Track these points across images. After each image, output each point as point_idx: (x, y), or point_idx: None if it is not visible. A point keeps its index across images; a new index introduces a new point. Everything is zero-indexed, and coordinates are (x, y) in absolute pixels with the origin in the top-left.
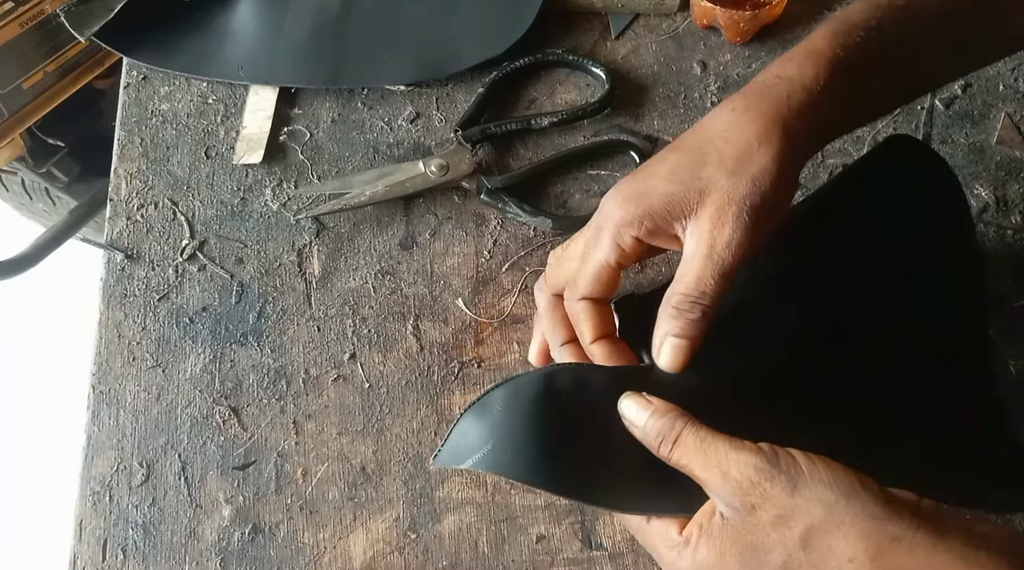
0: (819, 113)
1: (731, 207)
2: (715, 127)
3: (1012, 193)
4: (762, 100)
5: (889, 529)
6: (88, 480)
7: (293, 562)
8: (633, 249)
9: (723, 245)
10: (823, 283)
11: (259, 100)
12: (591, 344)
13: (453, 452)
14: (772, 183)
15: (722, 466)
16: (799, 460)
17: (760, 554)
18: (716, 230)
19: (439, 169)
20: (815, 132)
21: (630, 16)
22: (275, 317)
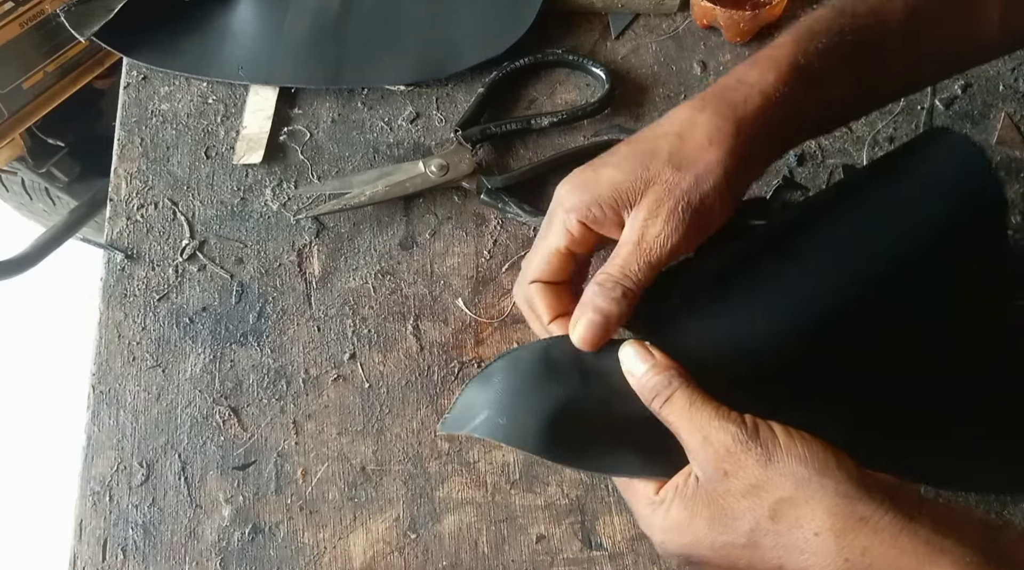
0: (776, 119)
1: (669, 201)
2: (672, 123)
3: (1012, 193)
4: (720, 102)
5: (858, 509)
6: (88, 480)
7: (293, 562)
8: (581, 234)
9: (652, 236)
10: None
11: (259, 100)
12: (549, 324)
13: (457, 419)
14: (714, 184)
15: (703, 431)
16: (778, 434)
17: (728, 519)
18: (650, 220)
19: (439, 169)
20: (772, 138)
21: (630, 16)
22: (275, 317)
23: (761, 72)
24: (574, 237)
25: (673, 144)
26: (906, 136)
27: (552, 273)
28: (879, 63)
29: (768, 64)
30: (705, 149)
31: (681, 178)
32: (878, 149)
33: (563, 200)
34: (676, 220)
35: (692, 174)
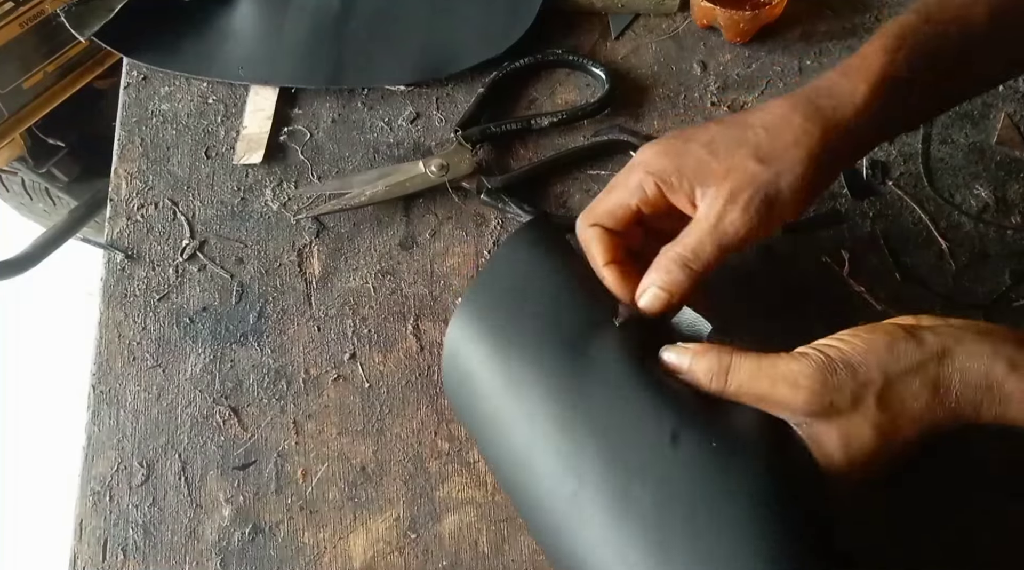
0: (862, 129)
1: (748, 190)
2: (762, 117)
3: (1012, 193)
4: (812, 107)
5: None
6: (88, 480)
7: (293, 562)
8: (655, 197)
9: (728, 222)
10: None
11: (259, 100)
12: (603, 267)
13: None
14: (793, 183)
15: (788, 379)
16: (839, 346)
17: (853, 437)
18: (728, 206)
19: (439, 169)
20: (855, 146)
21: (630, 16)
22: (275, 317)
23: (853, 83)
24: (647, 198)
25: (760, 137)
26: (906, 136)
27: (615, 223)
28: (962, 69)
29: (860, 76)
30: (789, 148)
31: (763, 171)
32: (878, 149)
33: (648, 161)
34: (752, 210)
35: (774, 169)
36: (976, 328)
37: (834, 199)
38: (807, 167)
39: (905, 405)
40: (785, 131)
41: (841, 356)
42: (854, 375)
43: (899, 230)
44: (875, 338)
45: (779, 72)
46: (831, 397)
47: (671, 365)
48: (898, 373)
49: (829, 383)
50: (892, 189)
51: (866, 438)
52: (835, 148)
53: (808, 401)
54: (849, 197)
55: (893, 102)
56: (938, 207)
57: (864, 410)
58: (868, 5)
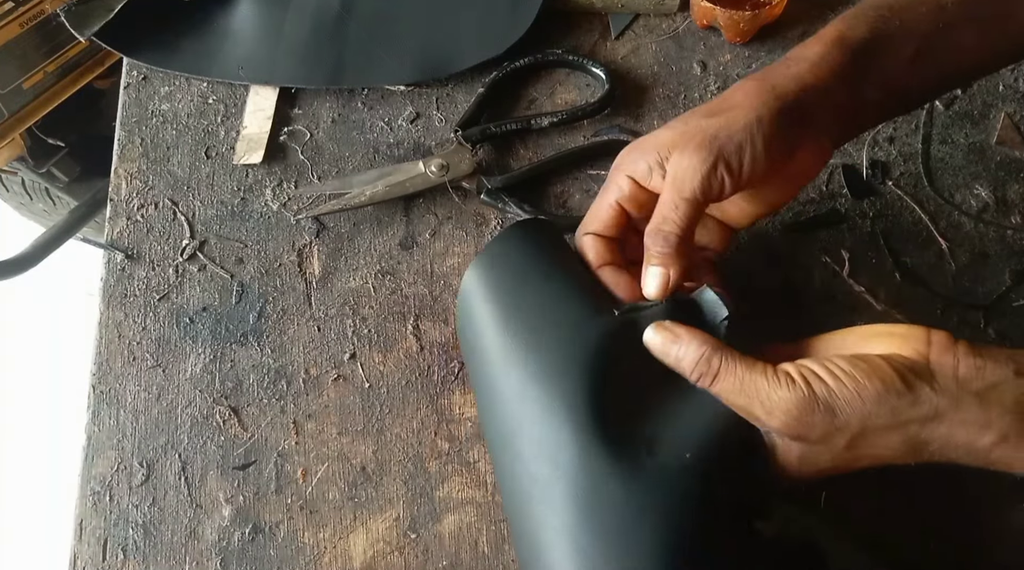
0: (818, 82)
1: (696, 137)
2: (721, 94)
3: (1012, 193)
4: (764, 71)
5: (915, 418)
6: (88, 480)
7: (293, 562)
8: (631, 190)
9: (683, 170)
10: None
11: (259, 100)
12: (597, 270)
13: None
14: (745, 124)
15: (764, 404)
16: (828, 381)
17: (811, 458)
18: (679, 158)
19: (439, 169)
20: (819, 101)
21: (630, 16)
22: (275, 317)
23: (806, 47)
24: (624, 192)
25: (713, 104)
26: (906, 136)
27: (604, 226)
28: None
29: (814, 40)
30: (739, 100)
31: (711, 123)
32: (878, 149)
33: (618, 161)
34: (703, 153)
35: (723, 117)
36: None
37: (834, 199)
38: (759, 111)
39: (874, 451)
40: (735, 92)
41: (826, 395)
42: (831, 418)
43: (899, 230)
44: (868, 384)
45: None
46: (800, 432)
47: (655, 349)
48: (879, 427)
49: (804, 420)
50: (892, 189)
51: (822, 464)
52: (793, 98)
53: (779, 427)
54: (849, 197)
55: (858, 63)
56: (938, 207)
57: (831, 446)
58: None
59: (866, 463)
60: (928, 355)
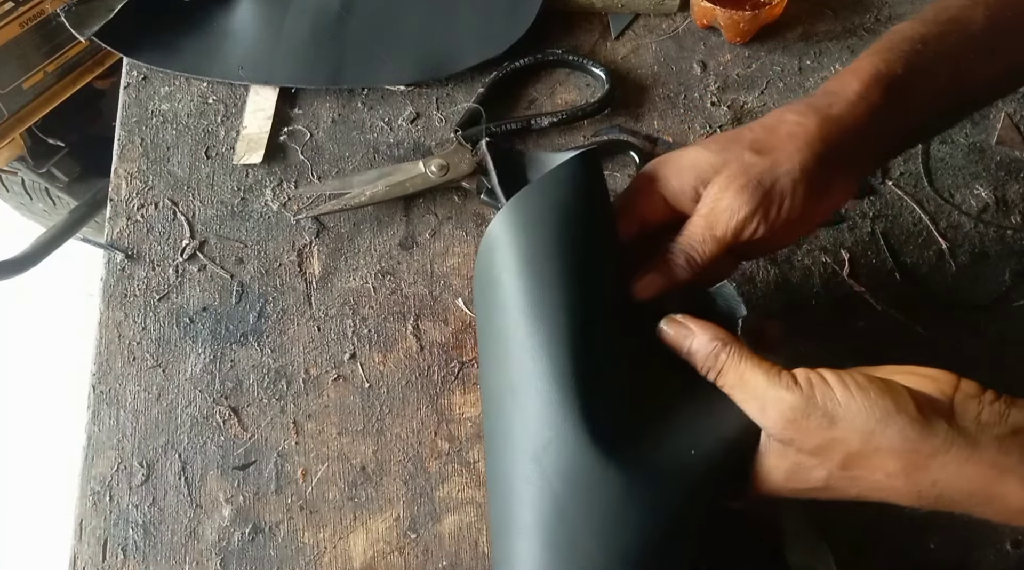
0: (863, 124)
1: (740, 178)
2: (762, 120)
3: (1012, 193)
4: (807, 107)
5: (924, 448)
6: (88, 480)
7: (293, 562)
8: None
9: (720, 209)
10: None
11: (259, 100)
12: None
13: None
14: (788, 171)
15: (759, 402)
16: (835, 389)
17: (803, 471)
18: (720, 194)
19: (439, 169)
20: (861, 145)
21: (630, 16)
22: (275, 317)
23: (844, 82)
24: (646, 202)
25: (756, 133)
26: None
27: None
28: (960, 68)
29: (851, 76)
30: (784, 140)
31: (758, 161)
32: None
33: (648, 169)
34: (745, 197)
35: (769, 159)
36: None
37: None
38: (804, 157)
39: (872, 475)
40: (780, 126)
41: (829, 402)
42: (829, 427)
43: (899, 230)
44: (881, 403)
45: (779, 72)
46: (793, 435)
47: (669, 341)
48: (881, 448)
49: (798, 425)
50: (892, 189)
51: (813, 481)
52: (835, 142)
53: (771, 427)
54: None
55: (893, 100)
56: (938, 207)
57: (825, 461)
58: (868, 5)
59: (860, 491)
60: (952, 397)
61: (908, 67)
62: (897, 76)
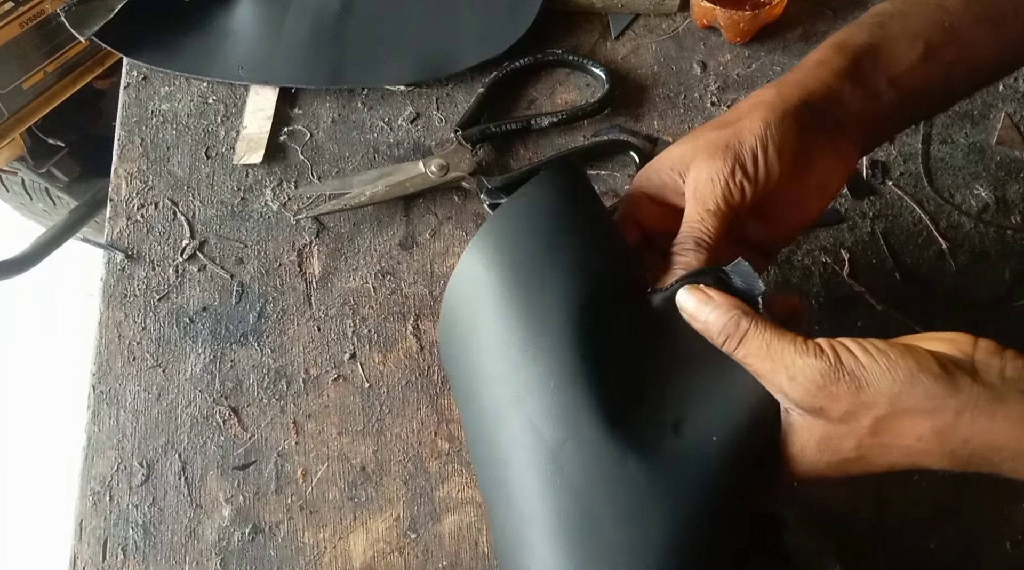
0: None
1: (710, 151)
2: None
3: (1012, 193)
4: (769, 83)
5: (951, 405)
6: (88, 480)
7: (293, 562)
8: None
9: (702, 182)
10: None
11: (259, 100)
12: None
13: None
14: (753, 132)
15: (788, 370)
16: (858, 355)
17: (834, 442)
18: (696, 172)
19: (439, 169)
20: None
21: (630, 16)
22: (275, 317)
23: (808, 56)
24: (638, 209)
25: (721, 117)
26: (906, 136)
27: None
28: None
29: (816, 50)
30: (746, 110)
31: (722, 132)
32: (878, 149)
33: (633, 182)
34: (718, 162)
35: (733, 127)
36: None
37: (834, 199)
38: (767, 115)
39: (903, 441)
40: (742, 104)
41: (855, 366)
42: (858, 391)
43: (899, 230)
44: (901, 362)
45: (779, 72)
46: (822, 403)
47: (687, 310)
48: (909, 409)
49: (827, 390)
50: (892, 189)
51: (845, 451)
52: (798, 101)
53: (800, 397)
54: (849, 197)
55: (863, 64)
56: (938, 207)
57: (855, 427)
58: (868, 5)
59: (893, 459)
60: (973, 356)
61: (874, 36)
62: (862, 43)
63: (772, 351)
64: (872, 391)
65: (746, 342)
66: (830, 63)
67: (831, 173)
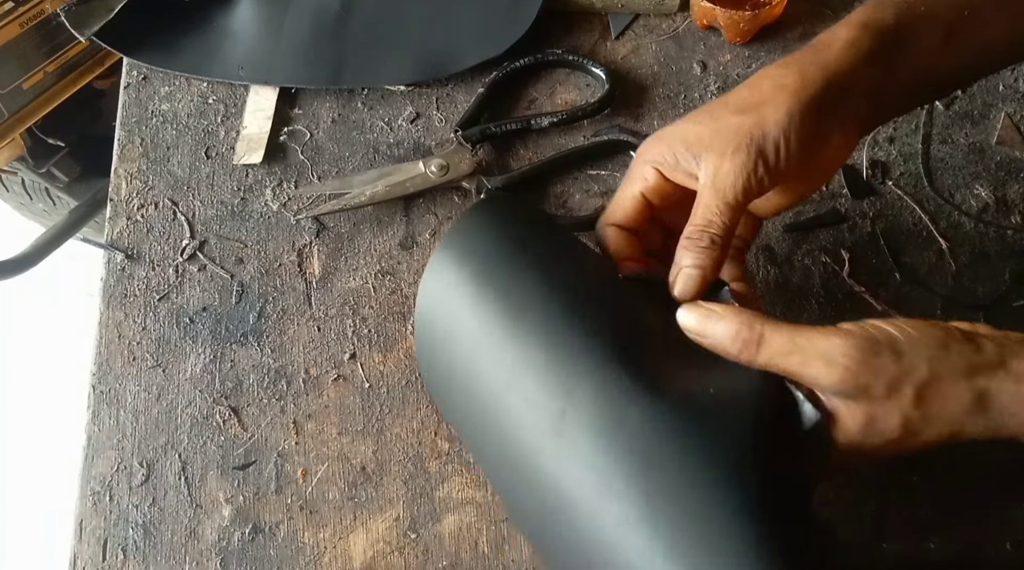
0: (846, 69)
1: (734, 141)
2: (746, 83)
3: (1012, 193)
4: (790, 59)
5: (983, 364)
6: (88, 480)
7: (293, 562)
8: (656, 181)
9: (724, 174)
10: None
11: (259, 100)
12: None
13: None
14: (777, 122)
15: (823, 356)
16: (889, 329)
17: (879, 422)
18: (719, 162)
19: (439, 169)
20: (848, 89)
21: (630, 16)
22: (275, 317)
23: (833, 32)
24: (648, 183)
25: (740, 95)
26: (906, 136)
27: (626, 218)
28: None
29: (840, 25)
30: (769, 94)
31: (745, 120)
32: (878, 149)
33: (641, 151)
34: (741, 157)
35: (756, 115)
36: None
37: (834, 199)
38: (791, 105)
39: (945, 407)
40: (763, 81)
41: (888, 339)
42: (898, 361)
43: (899, 230)
44: (929, 331)
45: None
46: (867, 380)
47: (690, 328)
48: (946, 372)
49: (869, 364)
50: (892, 189)
51: (891, 427)
52: (822, 88)
53: (843, 379)
54: (849, 197)
55: (886, 48)
56: (938, 207)
57: (898, 399)
58: None
59: (937, 430)
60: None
61: (899, 18)
62: (889, 25)
63: (800, 343)
64: (910, 358)
65: (767, 344)
66: (859, 46)
67: (837, 154)
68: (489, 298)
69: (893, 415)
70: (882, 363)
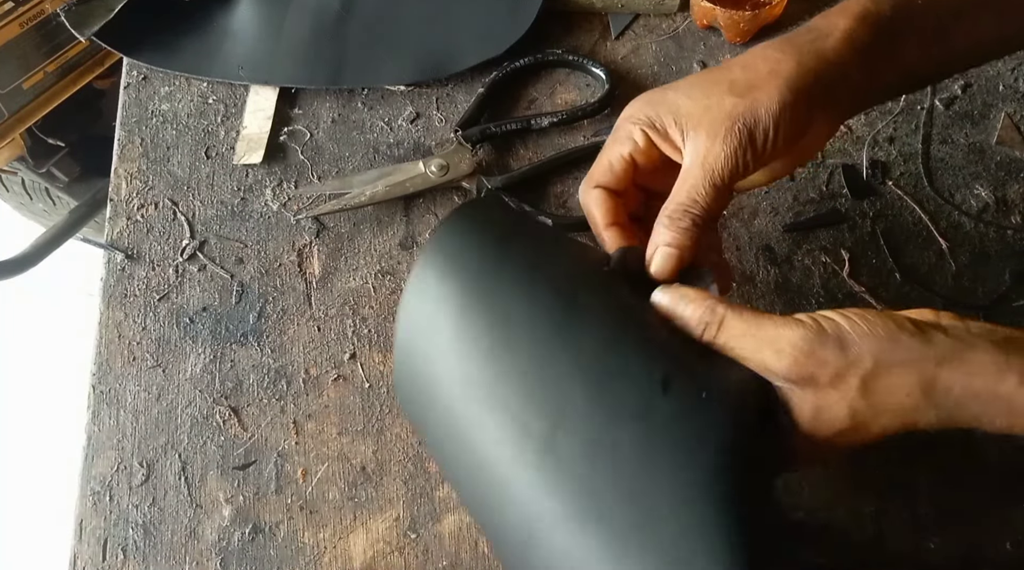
0: (847, 64)
1: (726, 123)
2: (739, 59)
3: (1012, 193)
4: (786, 43)
5: (931, 355)
6: (88, 480)
7: (293, 562)
8: (645, 144)
9: (714, 157)
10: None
11: (259, 100)
12: (604, 230)
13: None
14: (769, 108)
15: (774, 344)
16: (839, 320)
17: (827, 411)
18: (709, 142)
19: (439, 169)
20: (839, 81)
21: (630, 16)
22: (275, 317)
23: (831, 20)
24: (637, 145)
25: (735, 74)
26: (906, 136)
27: (614, 180)
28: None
29: (838, 13)
30: (764, 78)
31: (739, 102)
32: (878, 149)
33: (630, 112)
34: (732, 141)
35: (750, 99)
36: (994, 336)
37: (834, 199)
38: (784, 94)
39: (892, 398)
40: (760, 64)
41: (836, 330)
42: (844, 352)
43: (899, 230)
44: (879, 323)
45: None
46: (812, 369)
47: (664, 308)
48: (892, 363)
49: (815, 354)
50: (892, 189)
51: (839, 417)
52: (815, 79)
53: (789, 368)
54: (849, 197)
55: (881, 42)
56: (938, 207)
57: (845, 390)
58: None
59: (887, 421)
60: (938, 321)
61: (897, 11)
62: (886, 17)
63: (753, 329)
64: (856, 349)
65: (725, 327)
66: (856, 39)
67: (818, 139)
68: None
69: (840, 405)
70: (828, 354)
